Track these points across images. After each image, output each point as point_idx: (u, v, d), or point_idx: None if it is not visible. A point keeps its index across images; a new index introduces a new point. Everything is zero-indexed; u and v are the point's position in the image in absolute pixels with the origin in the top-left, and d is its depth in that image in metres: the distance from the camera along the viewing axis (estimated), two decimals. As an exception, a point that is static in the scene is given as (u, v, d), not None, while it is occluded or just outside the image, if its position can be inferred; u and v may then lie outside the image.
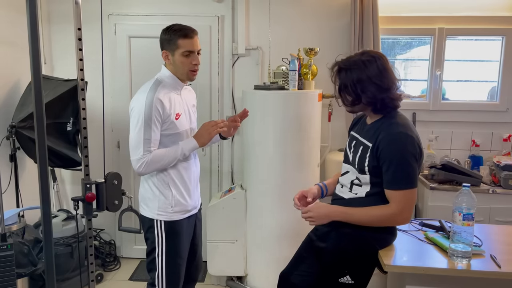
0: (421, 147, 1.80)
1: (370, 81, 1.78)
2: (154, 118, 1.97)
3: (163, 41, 2.09)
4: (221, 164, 3.61)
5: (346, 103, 1.89)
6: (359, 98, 1.82)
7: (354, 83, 1.80)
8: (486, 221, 3.05)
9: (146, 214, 2.14)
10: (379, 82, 1.78)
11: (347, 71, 1.82)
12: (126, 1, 3.49)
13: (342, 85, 1.85)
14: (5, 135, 2.86)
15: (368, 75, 1.78)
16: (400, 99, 1.85)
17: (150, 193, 2.13)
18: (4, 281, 2.17)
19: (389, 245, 1.91)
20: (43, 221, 1.36)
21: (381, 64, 1.80)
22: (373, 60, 1.79)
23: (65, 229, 3.00)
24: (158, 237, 2.10)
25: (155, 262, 2.12)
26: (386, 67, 1.81)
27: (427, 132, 3.50)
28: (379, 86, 1.78)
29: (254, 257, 3.05)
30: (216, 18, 3.45)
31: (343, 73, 1.84)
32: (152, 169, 2.03)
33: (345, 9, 3.38)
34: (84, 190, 2.41)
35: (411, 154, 1.75)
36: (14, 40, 3.10)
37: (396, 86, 1.83)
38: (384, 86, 1.79)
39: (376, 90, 1.78)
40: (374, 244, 1.86)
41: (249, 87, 3.23)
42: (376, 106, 1.83)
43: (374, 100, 1.80)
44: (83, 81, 2.39)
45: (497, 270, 1.70)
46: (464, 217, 1.73)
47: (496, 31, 3.37)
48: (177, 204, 2.12)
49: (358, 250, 1.86)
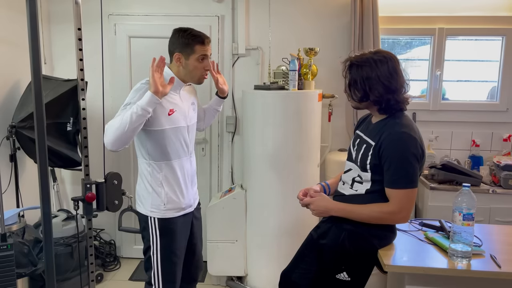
0: (423, 149, 1.82)
1: (378, 80, 1.81)
2: (132, 101, 1.97)
3: (177, 44, 2.08)
4: (221, 164, 3.61)
5: (354, 98, 1.92)
6: (367, 96, 1.85)
7: (363, 80, 1.83)
8: (486, 221, 3.05)
9: (141, 210, 2.16)
10: (387, 82, 1.80)
11: (358, 67, 1.85)
12: (126, 1, 3.49)
13: (352, 80, 1.88)
14: (5, 135, 2.86)
15: (377, 74, 1.81)
16: (406, 102, 1.88)
17: (144, 190, 2.14)
18: (4, 281, 2.17)
19: (388, 243, 1.92)
20: (43, 221, 1.36)
21: (392, 65, 1.83)
22: (384, 61, 1.82)
23: (65, 229, 3.00)
24: (152, 235, 2.11)
25: (151, 261, 2.13)
26: (396, 69, 1.84)
27: (427, 132, 3.50)
28: (386, 86, 1.81)
29: (254, 257, 3.05)
30: (216, 18, 3.45)
31: (354, 68, 1.87)
32: (114, 135, 1.89)
33: (345, 9, 3.38)
34: (84, 190, 2.41)
35: (412, 154, 1.77)
36: (14, 40, 3.10)
37: (404, 89, 1.86)
38: (392, 87, 1.81)
39: (383, 90, 1.81)
40: (372, 241, 1.87)
41: (249, 87, 3.23)
42: (381, 106, 1.86)
43: (380, 99, 1.83)
44: (83, 81, 2.40)
45: (497, 270, 1.70)
46: (464, 217, 1.73)
47: (496, 31, 3.37)
48: (170, 202, 2.12)
49: (356, 246, 1.87)
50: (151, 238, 2.12)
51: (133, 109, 1.90)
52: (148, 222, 2.12)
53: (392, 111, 1.87)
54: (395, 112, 1.87)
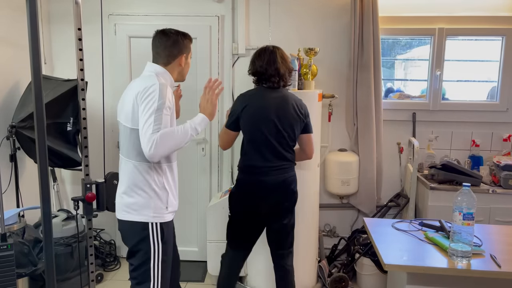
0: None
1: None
2: (167, 103, 1.90)
3: (182, 46, 2.09)
4: (221, 164, 3.61)
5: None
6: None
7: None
8: (486, 221, 3.05)
9: (138, 219, 1.97)
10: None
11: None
12: (126, 1, 3.49)
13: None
14: (5, 135, 2.86)
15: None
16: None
17: (142, 196, 1.97)
18: (4, 281, 2.17)
19: (243, 183, 2.43)
20: (43, 221, 1.36)
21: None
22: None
23: (65, 229, 3.00)
24: (154, 243, 1.98)
25: (149, 272, 1.98)
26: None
27: (427, 132, 3.51)
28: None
29: (254, 257, 3.05)
30: (216, 18, 3.45)
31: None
32: (165, 148, 1.84)
33: (345, 9, 3.39)
34: (84, 190, 2.41)
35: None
36: (15, 40, 3.10)
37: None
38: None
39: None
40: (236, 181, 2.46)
41: (249, 87, 3.22)
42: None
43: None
44: (83, 81, 2.40)
45: (497, 270, 1.70)
46: (464, 217, 1.73)
47: (496, 31, 3.37)
48: (171, 205, 2.05)
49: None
50: (152, 247, 1.97)
51: (191, 131, 1.95)
52: (149, 229, 1.97)
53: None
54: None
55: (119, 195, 2.04)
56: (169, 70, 2.07)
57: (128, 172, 1.99)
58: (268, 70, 2.37)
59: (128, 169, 1.99)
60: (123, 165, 2.03)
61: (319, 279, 3.17)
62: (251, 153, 2.38)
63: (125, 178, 2.00)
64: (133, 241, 1.99)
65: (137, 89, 1.93)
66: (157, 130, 1.83)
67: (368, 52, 3.26)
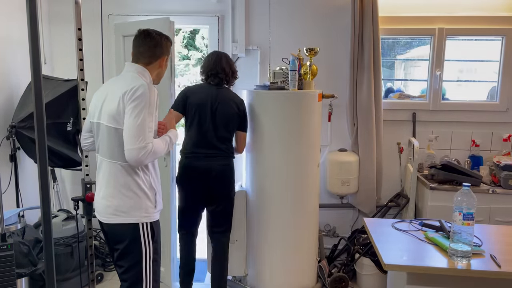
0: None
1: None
2: (154, 103, 1.92)
3: (165, 48, 2.10)
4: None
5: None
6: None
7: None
8: (486, 221, 3.05)
9: (127, 220, 1.95)
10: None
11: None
12: (126, 1, 3.49)
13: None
14: (5, 135, 2.86)
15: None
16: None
17: (129, 197, 1.95)
18: (4, 281, 2.17)
19: (181, 165, 2.71)
20: (43, 221, 1.36)
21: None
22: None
23: (65, 229, 3.00)
24: (145, 243, 1.98)
25: (141, 273, 1.99)
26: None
27: (427, 132, 3.51)
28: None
29: (254, 257, 3.05)
30: (216, 18, 3.45)
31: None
32: (152, 159, 1.91)
33: (345, 9, 3.39)
34: (84, 190, 2.41)
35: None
36: (15, 40, 3.10)
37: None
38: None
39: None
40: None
41: (249, 87, 3.23)
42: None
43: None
44: (83, 81, 2.40)
45: (497, 270, 1.70)
46: (464, 217, 1.73)
47: (496, 31, 3.37)
48: (158, 203, 2.06)
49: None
50: (143, 247, 1.97)
51: (167, 140, 2.03)
52: (140, 230, 1.96)
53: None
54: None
55: (103, 198, 1.99)
56: (149, 70, 2.06)
57: (113, 174, 1.95)
58: (215, 67, 2.72)
59: (113, 171, 1.95)
60: (104, 167, 1.99)
61: (319, 279, 3.17)
62: (187, 139, 2.72)
63: (110, 180, 1.96)
64: (123, 243, 1.98)
65: (123, 89, 1.89)
66: (150, 138, 1.88)
67: (368, 52, 3.26)
